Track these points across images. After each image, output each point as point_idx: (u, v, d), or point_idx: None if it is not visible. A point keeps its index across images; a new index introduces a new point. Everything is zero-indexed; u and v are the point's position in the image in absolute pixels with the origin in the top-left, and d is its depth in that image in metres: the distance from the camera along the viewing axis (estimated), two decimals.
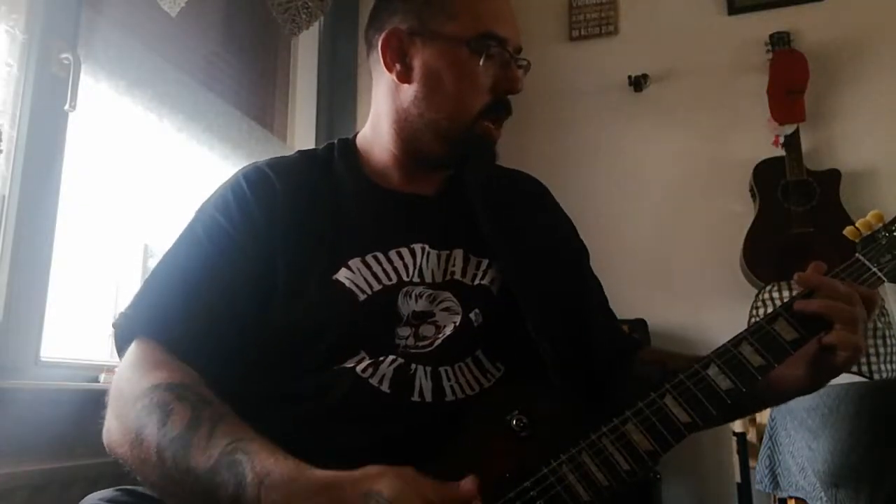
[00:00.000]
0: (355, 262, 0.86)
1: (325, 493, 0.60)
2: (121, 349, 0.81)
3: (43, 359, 1.25)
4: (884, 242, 0.91)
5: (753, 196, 2.47)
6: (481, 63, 0.90)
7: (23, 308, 1.21)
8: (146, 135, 1.59)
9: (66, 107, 1.30)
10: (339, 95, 2.35)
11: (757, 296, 2.23)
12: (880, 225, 0.93)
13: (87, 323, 1.44)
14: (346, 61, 2.40)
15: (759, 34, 2.57)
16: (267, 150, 1.93)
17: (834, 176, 2.37)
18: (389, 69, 0.93)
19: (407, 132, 0.93)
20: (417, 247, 0.89)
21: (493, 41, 0.90)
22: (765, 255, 2.34)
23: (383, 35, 0.93)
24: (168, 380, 0.72)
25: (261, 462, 0.63)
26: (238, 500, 0.62)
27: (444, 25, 0.90)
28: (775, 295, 2.20)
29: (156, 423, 0.68)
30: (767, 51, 2.54)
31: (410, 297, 0.86)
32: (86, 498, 0.73)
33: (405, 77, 0.92)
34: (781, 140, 2.42)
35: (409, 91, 0.92)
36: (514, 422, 0.76)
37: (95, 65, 1.42)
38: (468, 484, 0.63)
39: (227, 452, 0.65)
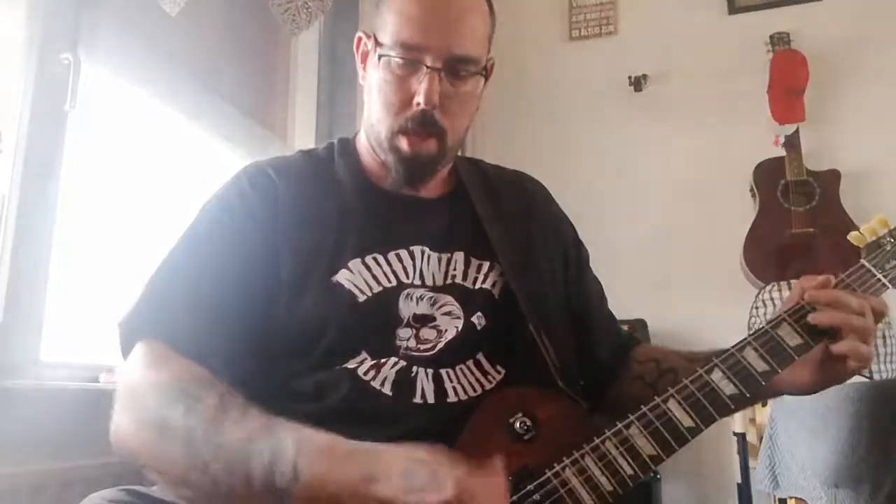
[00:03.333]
0: (355, 264, 0.86)
1: (364, 456, 0.61)
2: (125, 349, 0.81)
3: (43, 359, 1.25)
4: (889, 248, 0.90)
5: (753, 196, 2.47)
6: (392, 75, 0.87)
7: (23, 308, 1.21)
8: (146, 135, 1.58)
9: (66, 107, 1.29)
10: (339, 95, 2.35)
11: (757, 296, 2.23)
12: (886, 231, 0.92)
13: (88, 323, 1.44)
14: (346, 61, 2.40)
15: (759, 34, 2.57)
16: (267, 150, 1.93)
17: (834, 176, 2.37)
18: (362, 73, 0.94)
19: (369, 138, 0.94)
20: (417, 249, 0.89)
21: (407, 50, 0.85)
22: (765, 255, 2.34)
23: (356, 37, 0.94)
24: (187, 375, 0.72)
25: (300, 432, 0.63)
26: (273, 468, 0.61)
27: (379, 34, 0.89)
28: (775, 295, 2.20)
29: (183, 408, 0.68)
30: (767, 51, 2.53)
31: (411, 299, 0.86)
32: (87, 497, 0.72)
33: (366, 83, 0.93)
34: (781, 140, 2.41)
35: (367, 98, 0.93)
36: (518, 424, 0.76)
37: (95, 65, 1.42)
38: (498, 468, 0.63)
39: (263, 425, 0.64)
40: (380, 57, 0.87)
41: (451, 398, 0.81)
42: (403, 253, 0.89)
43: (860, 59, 2.51)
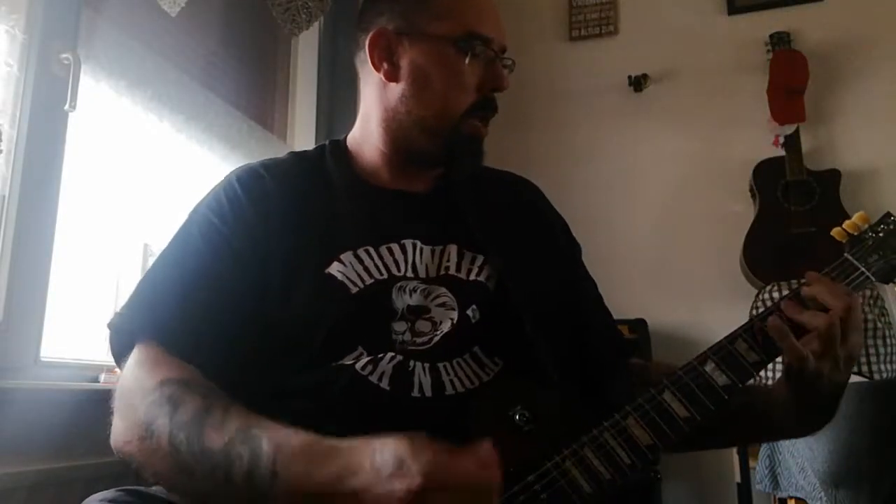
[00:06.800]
0: (347, 256, 0.87)
1: (340, 454, 0.63)
2: (117, 350, 0.82)
3: (43, 359, 1.25)
4: (871, 243, 0.94)
5: (753, 196, 2.47)
6: (467, 61, 0.91)
7: (23, 308, 1.21)
8: (146, 135, 1.59)
9: (66, 107, 1.29)
10: (339, 95, 2.35)
11: (757, 296, 2.23)
12: (866, 226, 0.96)
13: (88, 323, 1.44)
14: (346, 61, 2.40)
15: (759, 34, 2.57)
16: (267, 150, 1.93)
17: (834, 176, 2.37)
18: (377, 68, 0.94)
19: (395, 130, 0.95)
20: (409, 242, 0.90)
21: (479, 40, 0.92)
22: (765, 255, 2.34)
23: (370, 35, 0.94)
24: (174, 375, 0.74)
25: (277, 434, 0.65)
26: (252, 472, 0.63)
27: (430, 25, 0.92)
28: (775, 295, 2.19)
29: (167, 413, 0.69)
30: (767, 51, 2.54)
31: (404, 291, 0.86)
32: (88, 499, 0.72)
33: (393, 76, 0.93)
34: (781, 140, 2.42)
35: (396, 89, 0.93)
36: (517, 416, 0.77)
37: (95, 65, 1.42)
38: (486, 448, 0.63)
39: (242, 429, 0.66)
40: (456, 46, 0.91)
41: (449, 391, 0.81)
42: (395, 246, 0.89)
43: (860, 59, 2.51)
